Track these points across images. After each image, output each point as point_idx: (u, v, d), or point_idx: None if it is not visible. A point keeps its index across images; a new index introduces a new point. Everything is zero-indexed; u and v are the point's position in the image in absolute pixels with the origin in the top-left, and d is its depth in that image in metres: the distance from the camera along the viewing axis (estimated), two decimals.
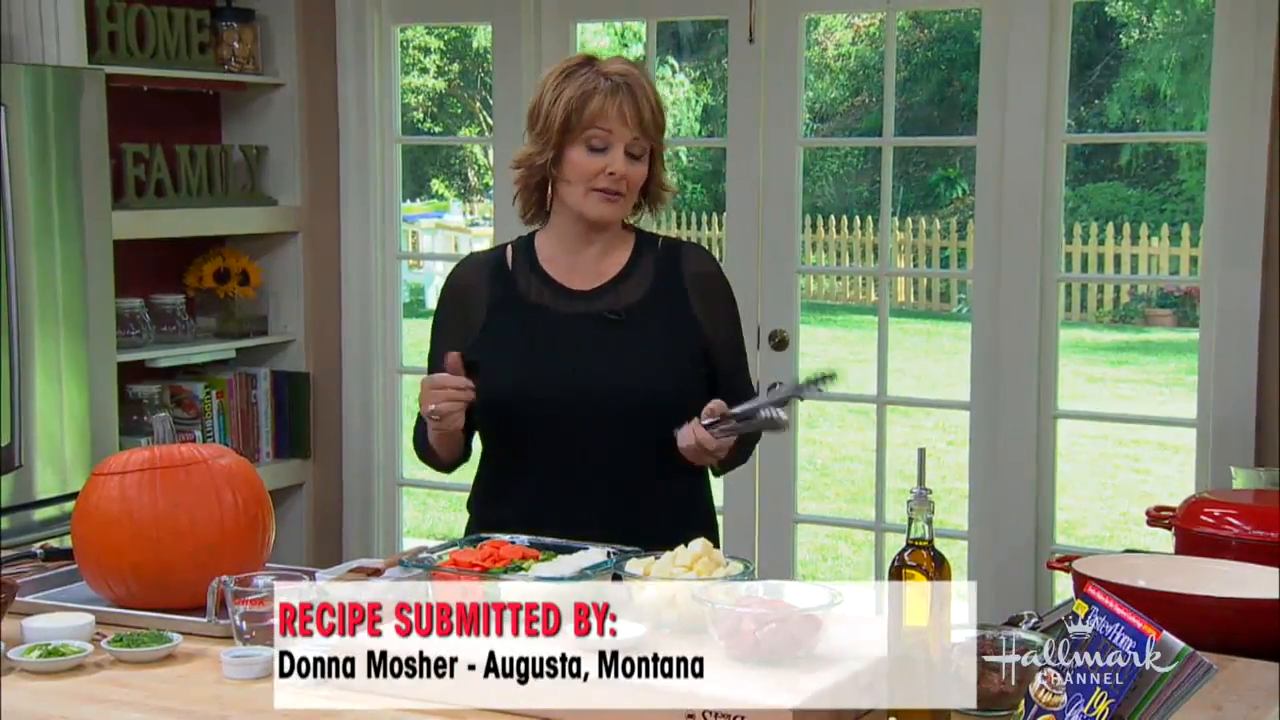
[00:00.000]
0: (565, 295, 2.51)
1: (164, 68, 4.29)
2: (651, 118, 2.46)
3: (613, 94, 2.42)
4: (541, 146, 2.46)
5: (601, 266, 2.53)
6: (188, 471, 2.27)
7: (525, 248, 2.56)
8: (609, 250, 2.53)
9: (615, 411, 2.44)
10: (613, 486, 2.47)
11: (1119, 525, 7.12)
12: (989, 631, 1.92)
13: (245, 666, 2.01)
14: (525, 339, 2.49)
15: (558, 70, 2.49)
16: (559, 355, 2.47)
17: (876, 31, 14.36)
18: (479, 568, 2.12)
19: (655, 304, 2.50)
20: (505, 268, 2.55)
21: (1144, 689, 1.51)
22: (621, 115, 2.42)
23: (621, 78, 2.45)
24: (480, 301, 2.54)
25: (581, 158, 2.43)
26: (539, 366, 2.46)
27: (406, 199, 14.87)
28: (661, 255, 2.55)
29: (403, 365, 4.79)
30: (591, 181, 2.44)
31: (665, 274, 2.53)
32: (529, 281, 2.53)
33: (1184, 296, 11.84)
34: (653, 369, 2.47)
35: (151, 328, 4.36)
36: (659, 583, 2.04)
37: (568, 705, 1.85)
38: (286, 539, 4.64)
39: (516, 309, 2.52)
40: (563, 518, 2.38)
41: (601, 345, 2.47)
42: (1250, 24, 3.56)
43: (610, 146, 2.43)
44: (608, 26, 14.34)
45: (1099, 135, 13.62)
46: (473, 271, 2.59)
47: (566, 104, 2.42)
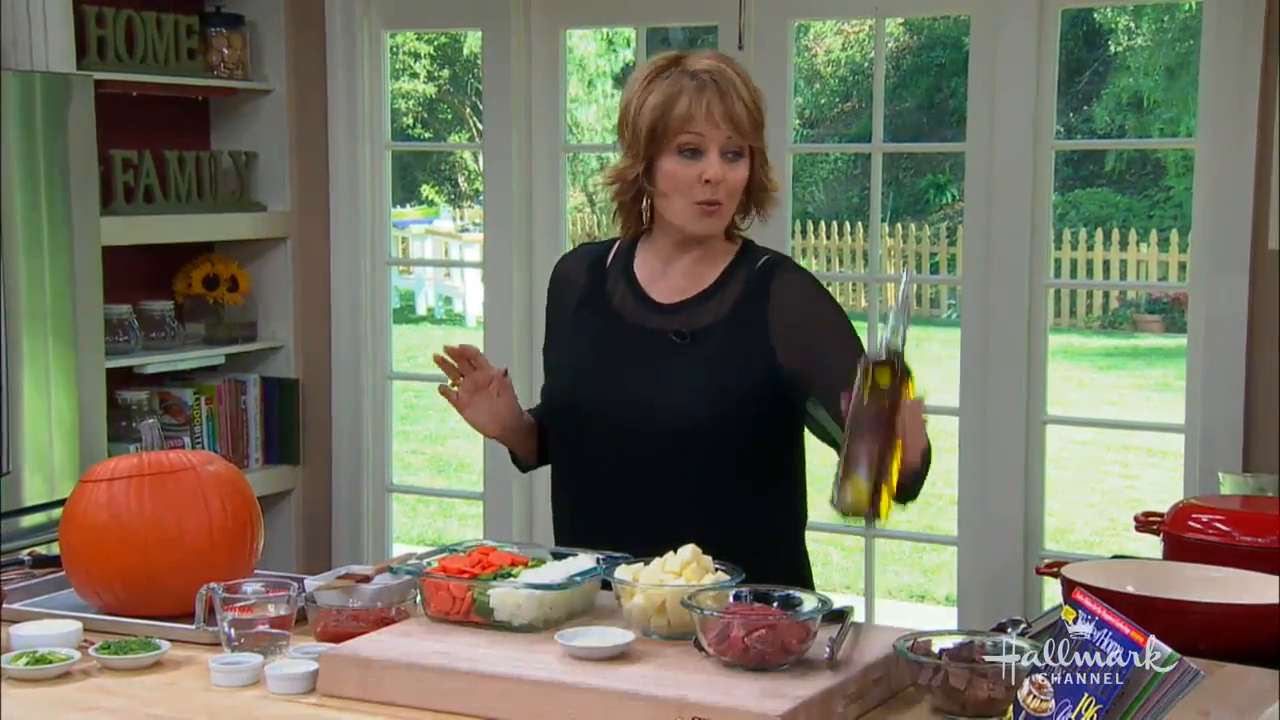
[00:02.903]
0: (644, 305, 2.38)
1: (153, 74, 4.29)
2: (746, 114, 2.27)
3: (699, 93, 2.25)
4: (631, 160, 2.31)
5: (688, 280, 2.38)
6: (176, 478, 2.26)
7: (628, 248, 2.45)
8: (702, 262, 2.37)
9: (647, 433, 2.33)
10: (640, 503, 2.36)
11: (1108, 531, 7.14)
12: (977, 638, 1.92)
13: (233, 674, 2.00)
14: (591, 343, 2.42)
15: (643, 74, 2.33)
16: (613, 367, 2.37)
17: (866, 38, 14.38)
18: (468, 574, 2.13)
19: (730, 329, 2.33)
20: (603, 264, 2.45)
21: (1131, 695, 1.51)
22: (711, 115, 2.25)
23: (709, 74, 2.27)
24: (573, 293, 2.47)
25: (674, 167, 2.27)
26: (592, 374, 2.39)
27: (396, 205, 14.92)
28: (756, 275, 2.36)
29: (392, 371, 4.78)
30: (689, 193, 2.28)
31: (751, 297, 2.34)
32: (616, 284, 2.42)
33: (1172, 302, 11.87)
34: (700, 399, 2.31)
35: (140, 334, 4.35)
36: (648, 589, 2.05)
37: (557, 710, 1.84)
38: (275, 545, 4.63)
39: (597, 310, 2.43)
40: (598, 527, 2.38)
41: (656, 365, 2.35)
42: (1237, 31, 3.57)
43: (704, 151, 2.26)
44: (597, 32, 14.36)
45: (1087, 142, 13.66)
46: (575, 262, 2.50)
47: (652, 110, 2.26)
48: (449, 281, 14.00)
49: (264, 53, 4.62)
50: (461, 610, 2.09)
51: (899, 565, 6.93)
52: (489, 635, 2.05)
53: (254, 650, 2.06)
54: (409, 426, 9.63)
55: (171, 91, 4.44)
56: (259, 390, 4.68)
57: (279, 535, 4.70)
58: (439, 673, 1.91)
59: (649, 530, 2.20)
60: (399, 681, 1.93)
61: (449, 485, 8.49)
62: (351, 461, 4.67)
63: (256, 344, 4.68)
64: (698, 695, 1.80)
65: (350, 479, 4.69)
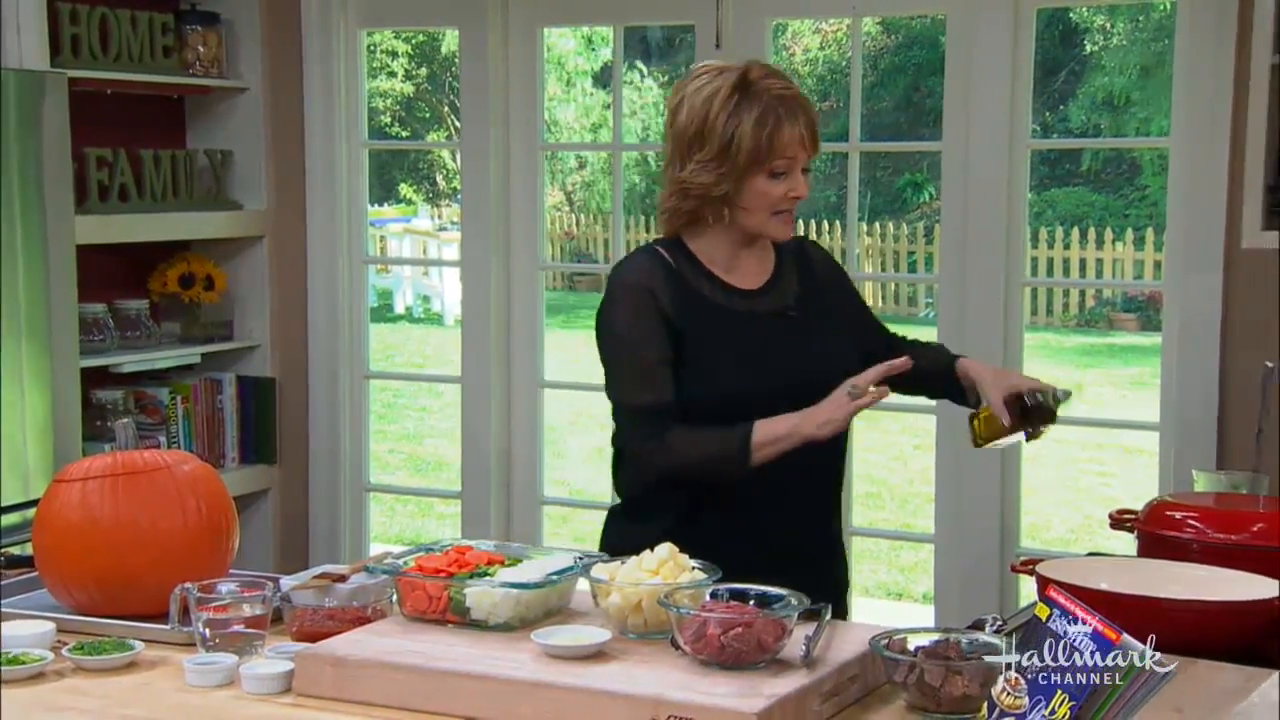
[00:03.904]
0: (739, 295, 2.51)
1: (127, 71, 4.27)
2: (816, 131, 2.47)
3: (792, 119, 2.41)
4: (719, 178, 2.42)
5: (760, 266, 2.55)
6: (150, 478, 2.26)
7: (680, 250, 2.52)
8: (764, 249, 2.56)
9: (814, 401, 2.42)
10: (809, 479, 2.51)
11: (1083, 528, 7.17)
12: (953, 635, 1.93)
13: (208, 674, 2.00)
14: (723, 338, 2.47)
15: (717, 92, 2.42)
16: (759, 351, 2.47)
17: (844, 37, 14.39)
18: (445, 573, 2.13)
19: (809, 298, 2.56)
20: (673, 268, 2.49)
21: (1105, 691, 1.52)
22: (803, 141, 2.43)
23: (790, 97, 2.43)
24: (666, 300, 2.47)
25: (765, 186, 2.43)
26: (745, 364, 2.44)
27: (374, 204, 14.90)
28: (795, 252, 2.60)
29: (369, 370, 4.77)
30: (773, 206, 2.45)
31: (804, 270, 2.59)
32: (699, 281, 2.50)
33: (1148, 300, 11.93)
34: (842, 358, 2.50)
35: (115, 333, 4.33)
36: (625, 587, 2.05)
37: (533, 708, 1.85)
38: (252, 545, 4.62)
39: (699, 308, 2.48)
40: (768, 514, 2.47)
41: (792, 340, 2.51)
42: (1211, 31, 3.59)
43: (791, 171, 2.44)
44: (576, 31, 14.35)
45: (1063, 141, 13.73)
46: (648, 272, 2.50)
47: (754, 137, 2.39)
48: (427, 280, 13.98)
49: (240, 51, 4.60)
50: (438, 609, 2.09)
51: (876, 563, 6.95)
52: (465, 634, 2.05)
53: (229, 650, 2.05)
54: (387, 426, 9.62)
55: (146, 89, 4.42)
56: (235, 389, 4.67)
57: (256, 535, 4.69)
58: (415, 672, 1.91)
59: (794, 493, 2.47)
60: (375, 681, 1.92)
61: (427, 484, 8.48)
62: (328, 461, 4.66)
63: (233, 343, 4.67)
64: (674, 694, 1.81)
65: (327, 478, 4.68)
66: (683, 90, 2.47)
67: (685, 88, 2.47)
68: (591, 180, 15.81)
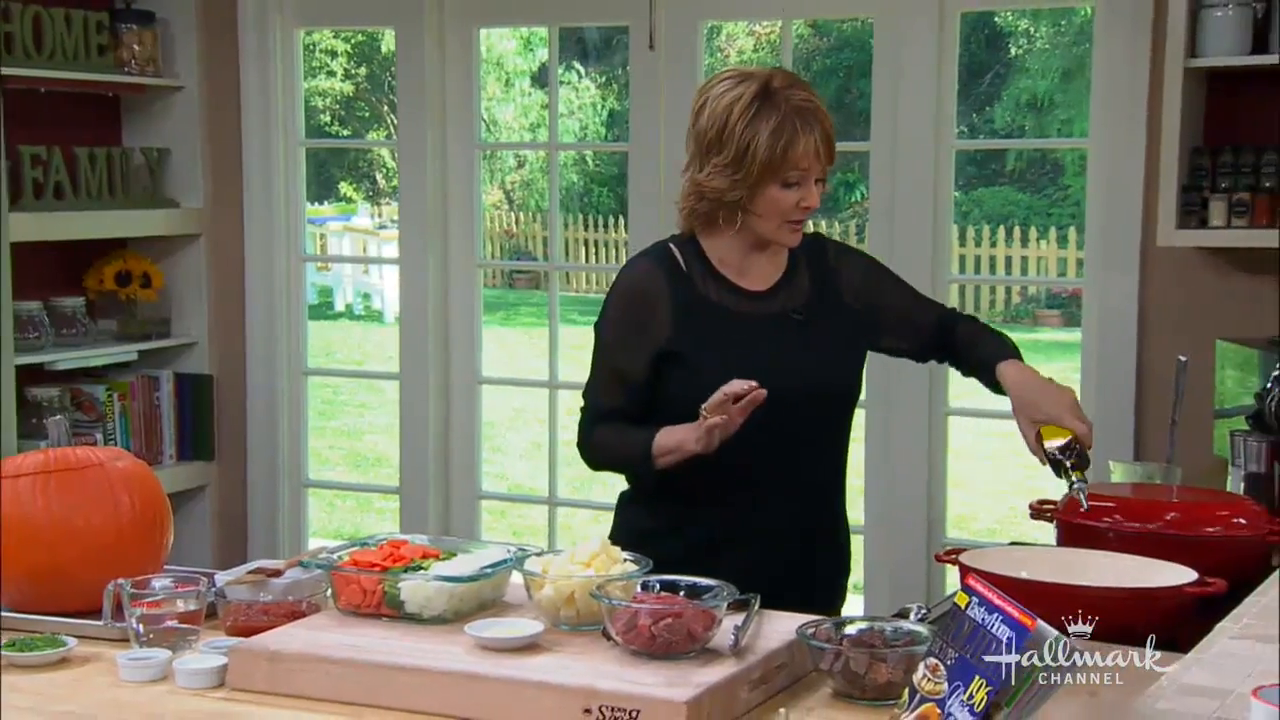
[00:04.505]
0: (745, 297, 2.54)
1: (62, 69, 4.25)
2: (832, 144, 2.48)
3: (807, 131, 2.43)
4: (733, 184, 2.45)
5: (771, 268, 2.57)
6: (83, 474, 2.26)
7: (693, 249, 2.55)
8: (776, 252, 2.57)
9: (813, 407, 2.50)
10: (808, 482, 2.55)
11: (1008, 519, 7.25)
12: (877, 624, 1.97)
13: (142, 669, 2.00)
14: (721, 339, 2.50)
15: (736, 100, 2.45)
16: (756, 354, 2.48)
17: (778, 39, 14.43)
18: (379, 567, 2.14)
19: (820, 300, 2.57)
20: (680, 267, 2.53)
21: (1020, 676, 1.55)
22: (818, 153, 2.44)
23: (809, 109, 2.44)
24: (664, 304, 2.51)
25: (778, 194, 2.45)
26: (741, 366, 2.44)
27: (314, 202, 14.79)
28: (811, 253, 2.61)
29: (307, 367, 4.78)
30: (785, 215, 2.47)
31: (819, 270, 2.59)
32: (706, 283, 2.53)
33: (1070, 297, 12.07)
34: (842, 364, 2.57)
35: (51, 330, 4.31)
36: (557, 580, 2.07)
37: (464, 701, 1.86)
38: (190, 541, 4.61)
39: (703, 309, 2.51)
40: (762, 519, 2.50)
41: (792, 343, 2.52)
42: (1127, 36, 3.67)
43: (804, 181, 2.45)
44: (515, 32, 14.32)
45: (986, 141, 13.88)
46: (649, 276, 2.54)
47: (770, 147, 2.41)
48: (367, 278, 13.93)
49: (175, 49, 4.59)
50: (372, 603, 2.10)
51: None
52: (400, 627, 2.06)
53: (163, 645, 2.05)
54: (328, 422, 9.58)
55: (81, 88, 4.41)
56: (172, 386, 4.66)
57: (194, 532, 4.68)
58: (349, 665, 1.92)
59: (794, 495, 2.53)
60: (308, 675, 1.93)
61: (367, 480, 8.47)
62: (267, 457, 4.66)
63: (170, 340, 4.66)
64: (605, 684, 1.83)
65: (265, 474, 4.67)
66: (706, 93, 2.50)
67: (709, 91, 2.50)
68: (530, 179, 15.79)
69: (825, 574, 2.64)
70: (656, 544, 2.27)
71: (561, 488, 4.73)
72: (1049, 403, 2.46)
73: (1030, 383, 2.50)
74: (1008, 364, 2.55)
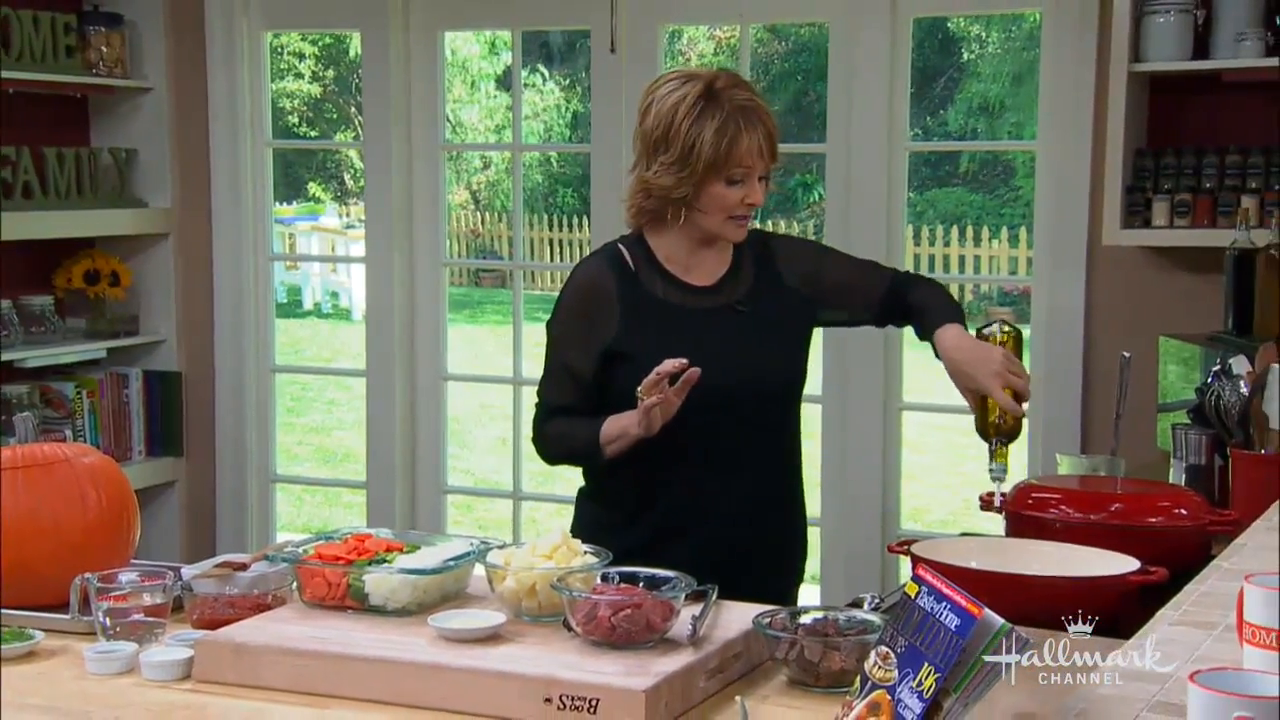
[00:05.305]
0: (691, 292, 2.58)
1: (30, 70, 4.27)
2: (775, 142, 2.53)
3: (750, 129, 2.48)
4: (679, 181, 2.49)
5: (716, 264, 2.61)
6: (49, 470, 2.25)
7: (641, 248, 2.61)
8: (721, 248, 2.61)
9: (756, 394, 2.55)
10: (756, 466, 2.59)
11: (960, 511, 7.31)
12: (831, 613, 2.01)
13: (108, 662, 1.99)
14: (666, 334, 2.53)
15: (681, 100, 2.49)
16: (702, 347, 2.50)
17: (738, 43, 14.49)
18: (344, 560, 2.15)
19: (764, 292, 2.61)
20: (628, 267, 2.58)
21: (967, 662, 1.58)
22: (761, 151, 2.49)
23: (752, 109, 2.49)
24: (613, 300, 2.56)
25: (722, 191, 2.50)
26: (692, 354, 2.45)
27: (282, 202, 14.75)
28: (756, 248, 2.65)
29: (275, 364, 4.80)
30: (729, 211, 2.52)
31: (764, 264, 2.64)
32: (652, 279, 2.58)
33: (1021, 295, 12.15)
34: (785, 352, 2.61)
35: (20, 328, 4.33)
36: (519, 572, 2.09)
37: (427, 690, 1.88)
38: (159, 537, 4.64)
39: (650, 307, 2.56)
40: (713, 503, 2.55)
41: (736, 335, 2.57)
42: (1073, 41, 3.74)
43: (748, 179, 2.51)
44: (479, 35, 14.32)
45: (938, 143, 14.01)
46: (600, 273, 2.60)
47: (714, 146, 2.46)
48: (335, 277, 13.92)
49: (143, 51, 4.61)
50: (337, 596, 2.11)
51: None
52: (364, 619, 2.07)
53: (129, 639, 2.06)
54: (296, 418, 9.59)
55: (50, 89, 4.42)
56: (141, 383, 4.69)
57: (163, 527, 4.70)
58: (314, 657, 1.93)
59: (762, 483, 2.58)
60: (274, 666, 1.94)
61: (335, 475, 8.48)
62: (235, 453, 4.69)
63: (139, 338, 4.68)
64: (566, 673, 1.84)
65: (234, 470, 4.70)
66: (652, 94, 2.54)
67: (655, 91, 2.54)
68: (496, 180, 15.79)
69: (780, 555, 2.69)
70: (615, 536, 2.32)
71: (526, 482, 4.77)
72: (980, 372, 2.51)
73: (962, 347, 2.54)
74: (943, 330, 2.58)
